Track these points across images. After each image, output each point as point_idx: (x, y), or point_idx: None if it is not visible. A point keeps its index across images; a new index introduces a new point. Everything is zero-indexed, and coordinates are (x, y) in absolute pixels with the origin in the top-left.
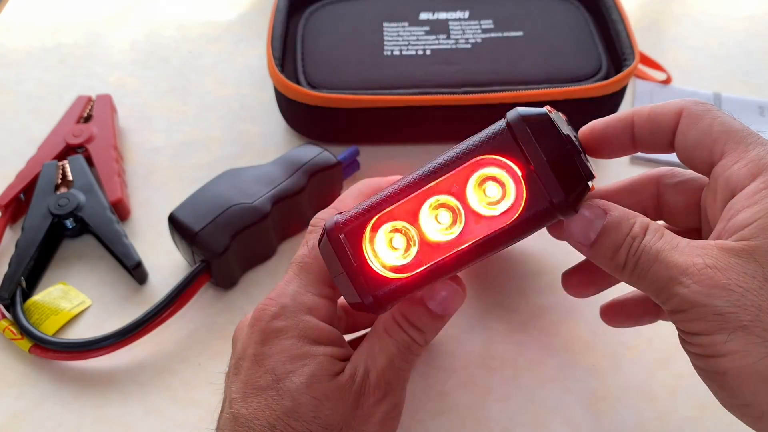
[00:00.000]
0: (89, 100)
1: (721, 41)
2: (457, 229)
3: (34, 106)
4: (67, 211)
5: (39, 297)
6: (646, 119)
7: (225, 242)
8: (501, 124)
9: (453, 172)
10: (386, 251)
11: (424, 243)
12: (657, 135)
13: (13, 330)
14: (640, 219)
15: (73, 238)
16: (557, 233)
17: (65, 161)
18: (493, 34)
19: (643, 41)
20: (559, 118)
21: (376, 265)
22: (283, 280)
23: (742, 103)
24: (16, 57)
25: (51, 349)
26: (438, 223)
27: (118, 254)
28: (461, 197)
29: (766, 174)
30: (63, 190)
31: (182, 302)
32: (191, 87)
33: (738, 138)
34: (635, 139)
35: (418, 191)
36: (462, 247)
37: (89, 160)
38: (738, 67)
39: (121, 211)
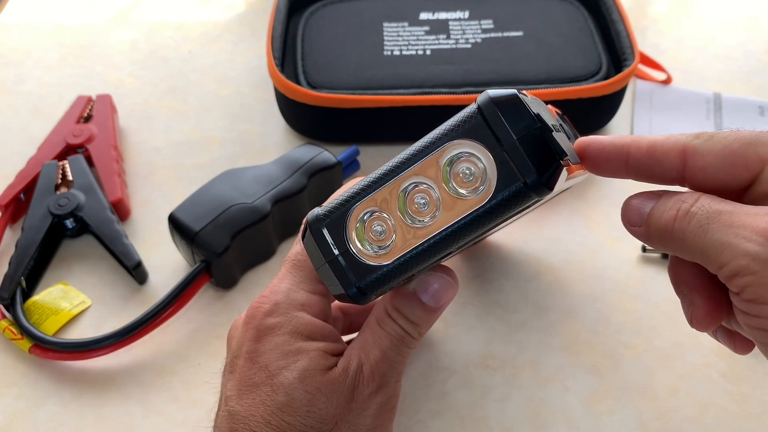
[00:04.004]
0: (89, 100)
1: (721, 41)
2: (434, 214)
3: (34, 106)
4: (67, 211)
5: (39, 297)
6: (645, 154)
7: (225, 242)
8: (472, 107)
9: (427, 158)
10: (366, 240)
11: (402, 230)
12: (656, 171)
13: (13, 330)
14: (694, 192)
15: (73, 238)
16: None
17: (65, 161)
18: (493, 34)
19: (643, 41)
20: (536, 102)
21: (357, 254)
22: (276, 278)
23: (742, 103)
24: (16, 57)
25: (51, 349)
26: (415, 210)
27: (118, 254)
28: (437, 182)
29: None
30: (63, 190)
31: (182, 302)
32: (191, 87)
33: (764, 140)
34: (629, 169)
35: (394, 178)
36: (439, 232)
37: (89, 160)
38: (738, 67)
39: (121, 211)
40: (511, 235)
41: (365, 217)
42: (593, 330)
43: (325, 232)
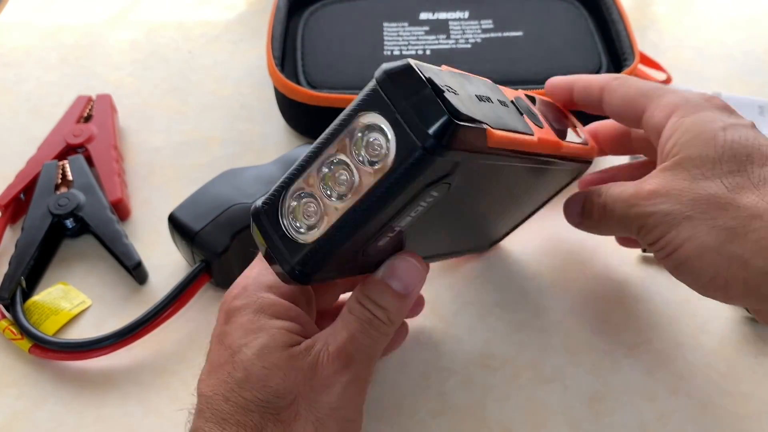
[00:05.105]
0: (89, 99)
1: (721, 41)
2: (352, 188)
3: (34, 106)
4: (67, 211)
5: (39, 297)
6: (582, 89)
7: (225, 242)
8: (372, 81)
9: (340, 135)
10: (300, 220)
11: (327, 207)
12: (589, 101)
13: (13, 330)
14: (608, 184)
15: (73, 238)
16: (624, 242)
17: (65, 161)
18: (492, 34)
19: (643, 41)
20: (460, 76)
21: (291, 235)
22: (249, 266)
23: (742, 103)
24: (16, 57)
25: (51, 349)
26: (334, 186)
27: (118, 254)
28: (350, 157)
29: (677, 112)
30: (63, 190)
31: (182, 302)
32: (191, 87)
33: (651, 94)
34: (573, 101)
35: (317, 159)
36: (354, 204)
37: (89, 160)
38: (738, 67)
39: (121, 211)
40: (512, 234)
41: (296, 200)
42: (593, 330)
43: (264, 218)
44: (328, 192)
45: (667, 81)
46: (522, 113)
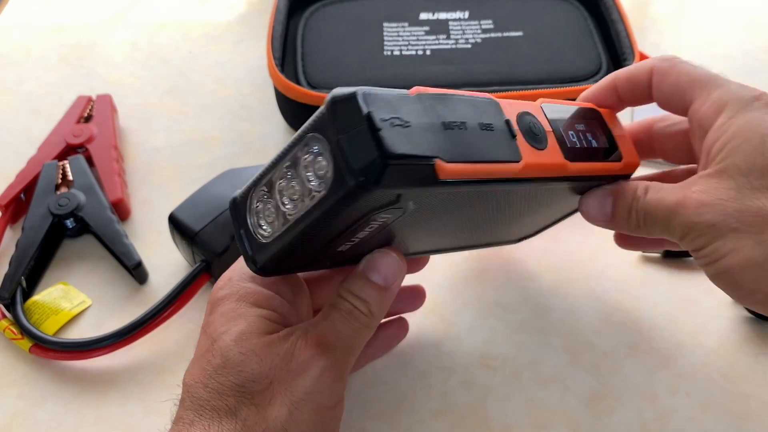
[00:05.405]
0: (89, 100)
1: (721, 41)
2: (303, 200)
3: (34, 106)
4: (67, 211)
5: (39, 297)
6: (626, 81)
7: (225, 242)
8: (324, 103)
9: (294, 150)
10: (262, 219)
11: (282, 212)
12: (637, 91)
13: (14, 330)
14: (641, 183)
15: (74, 238)
16: (623, 243)
17: (65, 161)
18: (492, 34)
19: (643, 41)
20: (415, 100)
21: (253, 232)
22: (238, 259)
23: None
24: (16, 57)
25: (51, 349)
26: (288, 195)
27: (119, 254)
28: (300, 172)
29: (726, 111)
30: (63, 190)
31: (182, 302)
32: (191, 87)
33: (701, 84)
34: (620, 98)
35: (277, 167)
36: (302, 214)
37: (89, 160)
38: (738, 67)
39: (121, 211)
40: None
41: (260, 201)
42: (593, 330)
43: (237, 211)
44: (284, 200)
45: None
46: (514, 136)
